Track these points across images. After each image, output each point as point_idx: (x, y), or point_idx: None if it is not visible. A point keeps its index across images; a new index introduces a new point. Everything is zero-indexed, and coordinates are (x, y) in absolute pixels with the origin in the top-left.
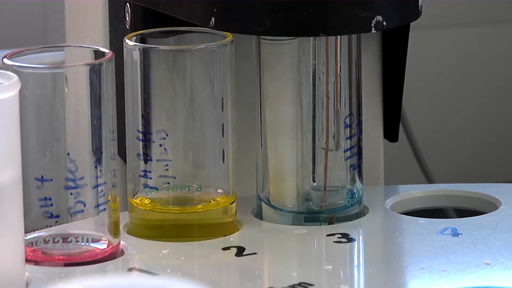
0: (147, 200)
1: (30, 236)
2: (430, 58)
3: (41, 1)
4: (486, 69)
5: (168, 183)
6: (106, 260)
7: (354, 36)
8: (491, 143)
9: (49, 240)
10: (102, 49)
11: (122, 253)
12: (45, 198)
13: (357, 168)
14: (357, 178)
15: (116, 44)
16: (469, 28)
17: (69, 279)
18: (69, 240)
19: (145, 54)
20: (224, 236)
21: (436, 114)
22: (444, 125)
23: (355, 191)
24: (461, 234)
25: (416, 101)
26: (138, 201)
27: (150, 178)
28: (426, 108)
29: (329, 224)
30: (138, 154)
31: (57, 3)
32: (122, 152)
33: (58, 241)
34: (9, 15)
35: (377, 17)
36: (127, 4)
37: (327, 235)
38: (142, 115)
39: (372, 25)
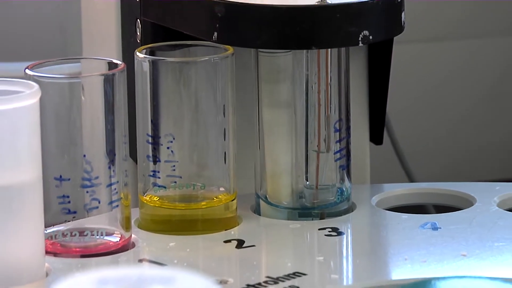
0: (156, 197)
1: (50, 230)
2: (412, 69)
3: (60, 17)
4: (463, 79)
5: (175, 182)
6: (119, 252)
7: (343, 49)
8: (466, 146)
9: (67, 234)
10: (115, 61)
11: (133, 245)
12: (63, 196)
13: (346, 168)
14: (345, 178)
15: (128, 56)
16: (447, 42)
17: (85, 269)
18: (85, 233)
19: (154, 66)
20: (225, 230)
21: (417, 120)
22: (424, 130)
23: (344, 189)
24: (440, 228)
25: (399, 108)
26: (147, 198)
27: (159, 178)
28: (408, 115)
29: (320, 219)
30: (148, 156)
31: (75, 19)
32: (133, 154)
33: (75, 234)
34: (31, 29)
35: (364, 31)
36: (138, 20)
37: (319, 229)
38: (151, 121)
39: (359, 39)
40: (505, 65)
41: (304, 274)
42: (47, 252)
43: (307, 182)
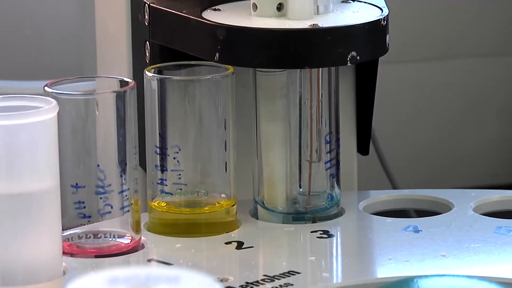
0: (163, 203)
1: (67, 233)
2: (395, 87)
3: (77, 40)
4: (441, 97)
5: (181, 189)
6: (130, 253)
7: (333, 68)
8: (445, 157)
9: (82, 236)
10: (126, 79)
11: (142, 246)
12: (79, 202)
13: (336, 176)
14: (335, 185)
15: (138, 75)
16: (427, 62)
17: (99, 268)
18: (99, 236)
19: (161, 84)
20: (226, 232)
21: (399, 133)
22: (406, 142)
23: (334, 195)
24: (421, 231)
25: (383, 122)
26: (156, 204)
27: (166, 185)
28: (392, 128)
29: (312, 222)
30: (156, 165)
31: (90, 42)
32: (142, 163)
33: (90, 237)
34: (50, 51)
35: (352, 52)
36: (147, 42)
37: (311, 232)
38: (159, 133)
39: (348, 59)
40: (481, 84)
41: (298, 273)
42: (64, 253)
43: (300, 189)
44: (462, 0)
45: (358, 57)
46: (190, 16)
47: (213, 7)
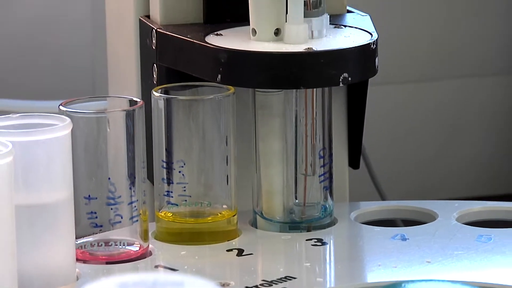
0: (170, 213)
1: (80, 241)
2: (384, 106)
3: (90, 63)
4: (425, 116)
5: (185, 200)
6: (138, 259)
7: (326, 88)
8: (429, 171)
9: (94, 244)
10: (135, 99)
11: (150, 254)
12: (92, 212)
13: (329, 188)
14: (328, 196)
15: (146, 95)
16: (412, 84)
17: (110, 274)
18: (110, 244)
19: (168, 103)
20: (228, 240)
21: (388, 148)
22: (394, 156)
23: (327, 206)
24: (408, 239)
25: (373, 139)
26: (162, 214)
27: (172, 197)
28: (381, 144)
29: (307, 231)
30: (163, 179)
31: (102, 64)
32: (150, 176)
33: (101, 244)
34: (65, 73)
35: (344, 74)
36: (155, 65)
37: (306, 240)
38: (166, 149)
39: (340, 80)
40: (463, 104)
41: (294, 278)
42: (77, 260)
43: (296, 200)
44: (445, 25)
45: (349, 78)
46: (194, 41)
47: (215, 32)
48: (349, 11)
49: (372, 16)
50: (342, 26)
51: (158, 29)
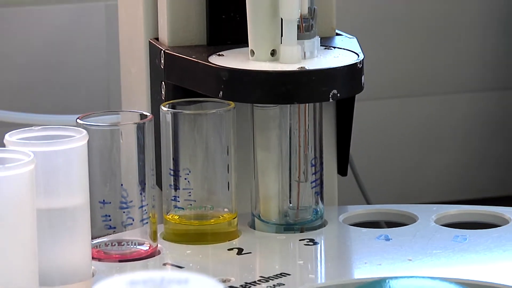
0: (176, 216)
1: (95, 241)
2: (369, 120)
3: (105, 80)
4: (405, 127)
5: (191, 204)
6: (148, 258)
7: (317, 103)
8: (410, 177)
9: (108, 244)
10: (145, 113)
11: (159, 253)
12: (106, 215)
13: (320, 194)
14: (319, 201)
15: (155, 109)
16: (394, 99)
17: (122, 271)
18: (122, 244)
19: (174, 117)
20: (229, 241)
21: (373, 157)
22: (378, 164)
23: (318, 209)
24: (391, 239)
25: (359, 149)
26: (170, 217)
27: (178, 201)
28: (366, 154)
29: (300, 232)
30: (170, 185)
31: (116, 82)
32: (159, 183)
33: (114, 244)
34: (82, 89)
35: (333, 90)
36: (163, 82)
37: (299, 240)
38: (173, 158)
39: (330, 96)
40: (439, 118)
41: (289, 274)
42: (93, 258)
43: (290, 204)
44: (425, 48)
45: (338, 95)
46: (199, 61)
47: (217, 53)
48: (337, 34)
49: (359, 38)
50: (331, 48)
51: (166, 50)
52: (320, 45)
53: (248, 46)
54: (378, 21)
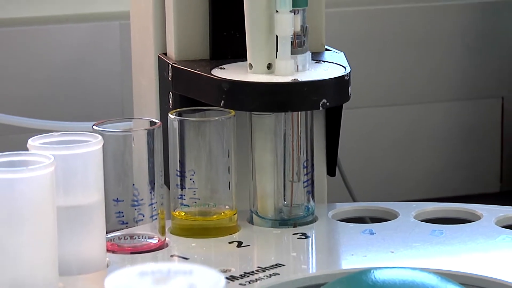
0: (182, 212)
1: (110, 235)
2: (355, 126)
3: (119, 91)
4: (388, 135)
5: (195, 202)
6: (157, 250)
7: (309, 111)
8: (391, 178)
9: (121, 238)
10: (155, 120)
11: (167, 245)
12: (119, 212)
13: (311, 193)
14: (311, 199)
15: (163, 117)
16: (374, 108)
17: (134, 262)
18: (134, 237)
19: (181, 123)
20: (229, 234)
21: (358, 159)
22: (363, 166)
23: (309, 206)
24: (375, 233)
25: (346, 152)
26: (176, 213)
27: (184, 199)
28: (353, 156)
29: (294, 227)
30: (177, 184)
31: (129, 92)
32: (167, 183)
33: (127, 238)
34: (98, 98)
35: (323, 100)
36: (170, 92)
37: (293, 234)
38: (179, 160)
39: (320, 105)
40: (418, 124)
41: (283, 265)
42: (107, 250)
43: (285, 202)
44: (406, 61)
45: (327, 103)
46: (202, 73)
47: (219, 66)
48: (327, 49)
49: (346, 53)
50: (321, 62)
51: (173, 64)
52: (311, 59)
53: (246, 60)
54: (363, 39)
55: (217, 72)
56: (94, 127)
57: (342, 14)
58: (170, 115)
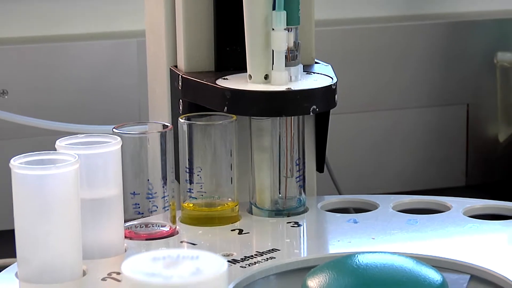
0: (191, 204)
1: (127, 224)
2: (341, 129)
3: (136, 99)
4: (370, 137)
5: (202, 195)
6: (169, 237)
7: (301, 116)
8: (373, 173)
9: (137, 226)
10: (167, 124)
11: (177, 233)
12: (136, 204)
13: (303, 187)
14: (302, 192)
15: (174, 121)
16: (356, 114)
17: (149, 247)
18: (148, 226)
19: (189, 127)
20: (231, 223)
21: (343, 158)
22: (347, 163)
23: (301, 199)
24: (358, 222)
25: (333, 151)
26: (186, 205)
27: (192, 193)
28: (339, 155)
29: (287, 216)
30: (186, 180)
31: (145, 99)
32: (177, 178)
33: (142, 226)
34: (118, 105)
35: (313, 106)
36: (180, 100)
37: (287, 223)
38: (188, 159)
39: (310, 110)
40: (395, 127)
41: (278, 250)
42: (125, 237)
43: (280, 195)
44: (384, 72)
45: (317, 109)
46: (208, 83)
47: (223, 77)
48: (316, 62)
49: (333, 65)
50: (311, 73)
51: (183, 75)
52: (303, 71)
53: (247, 72)
54: (347, 53)
55: (221, 82)
56: (114, 129)
57: (330, 32)
58: (180, 119)
